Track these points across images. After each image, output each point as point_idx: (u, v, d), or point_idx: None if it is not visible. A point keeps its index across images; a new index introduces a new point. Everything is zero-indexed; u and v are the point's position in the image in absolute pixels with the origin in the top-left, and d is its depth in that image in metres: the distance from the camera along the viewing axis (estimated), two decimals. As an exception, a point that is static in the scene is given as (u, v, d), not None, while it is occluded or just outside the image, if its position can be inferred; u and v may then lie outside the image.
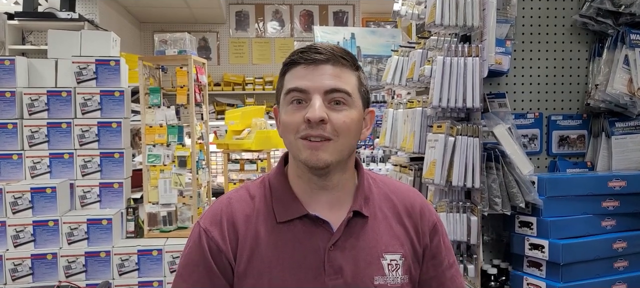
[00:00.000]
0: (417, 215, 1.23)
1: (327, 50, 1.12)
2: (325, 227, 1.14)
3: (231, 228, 1.15)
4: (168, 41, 3.53)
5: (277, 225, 1.14)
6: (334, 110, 1.10)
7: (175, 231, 3.44)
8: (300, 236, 1.13)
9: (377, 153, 4.62)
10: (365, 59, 5.81)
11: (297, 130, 1.10)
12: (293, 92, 1.11)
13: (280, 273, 1.11)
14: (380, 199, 1.22)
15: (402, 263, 1.17)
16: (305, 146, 1.09)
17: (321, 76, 1.10)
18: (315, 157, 1.09)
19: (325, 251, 1.12)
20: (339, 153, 1.11)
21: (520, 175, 2.00)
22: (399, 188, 1.27)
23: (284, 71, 1.16)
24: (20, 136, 3.22)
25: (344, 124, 1.10)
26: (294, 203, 1.16)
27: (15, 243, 3.04)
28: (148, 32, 7.90)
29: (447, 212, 2.02)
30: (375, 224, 1.18)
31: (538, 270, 1.98)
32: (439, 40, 2.20)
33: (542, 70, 2.24)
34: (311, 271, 1.11)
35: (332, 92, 1.10)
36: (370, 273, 1.13)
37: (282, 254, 1.12)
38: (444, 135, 1.99)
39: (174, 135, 3.45)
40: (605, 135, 2.22)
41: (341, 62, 1.12)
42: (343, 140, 1.11)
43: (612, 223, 2.03)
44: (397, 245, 1.18)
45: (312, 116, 1.07)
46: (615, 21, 2.15)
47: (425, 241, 1.22)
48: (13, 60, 3.22)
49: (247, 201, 1.19)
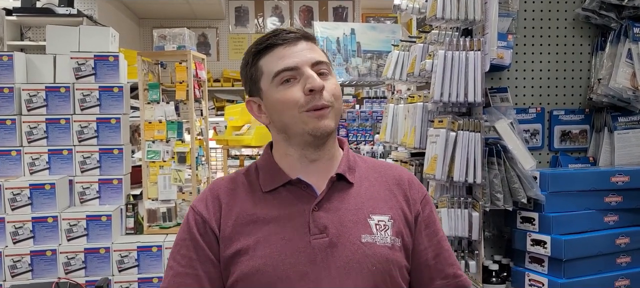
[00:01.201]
0: (406, 184, 1.25)
1: (296, 30, 1.20)
2: (309, 191, 1.17)
3: (215, 200, 1.19)
4: (167, 37, 3.52)
5: (263, 195, 1.18)
6: (324, 79, 1.15)
7: (175, 227, 3.43)
8: (286, 201, 1.17)
9: (377, 149, 4.60)
10: (366, 55, 5.79)
11: (301, 105, 1.13)
12: (283, 72, 1.14)
13: (265, 234, 1.13)
14: (366, 170, 1.25)
15: (392, 225, 1.18)
16: (311, 116, 1.13)
17: (302, 51, 1.16)
18: (323, 125, 1.13)
19: (309, 212, 1.14)
20: (337, 117, 1.18)
21: (522, 171, 1.98)
22: (386, 164, 1.32)
23: (256, 58, 1.19)
24: (18, 132, 3.20)
25: (336, 89, 1.17)
26: (278, 173, 1.20)
27: (15, 240, 3.02)
28: (147, 28, 7.88)
29: (449, 207, 2.01)
30: (361, 190, 1.21)
31: (540, 266, 1.97)
32: (440, 34, 2.18)
33: (544, 65, 2.22)
34: (296, 231, 1.13)
35: (318, 64, 1.16)
36: (357, 232, 1.14)
37: (268, 217, 1.15)
38: (445, 130, 1.97)
39: (174, 131, 3.44)
40: (608, 130, 2.20)
41: (310, 38, 1.20)
42: (338, 105, 1.17)
43: (615, 218, 2.01)
44: (384, 208, 1.20)
45: (316, 85, 1.12)
46: (618, 14, 2.13)
47: (416, 208, 1.24)
48: (11, 56, 3.20)
49: (233, 179, 1.24)
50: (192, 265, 1.15)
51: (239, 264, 1.12)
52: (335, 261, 1.11)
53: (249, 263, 1.11)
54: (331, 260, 1.11)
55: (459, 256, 2.03)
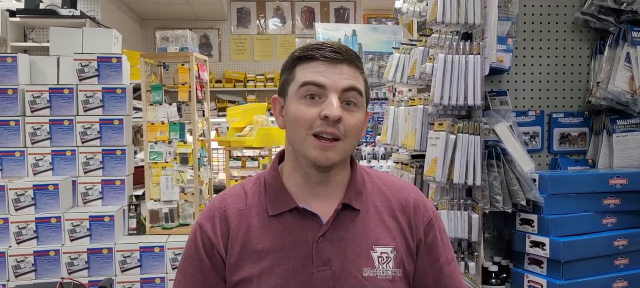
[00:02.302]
0: (411, 210, 1.23)
1: (343, 50, 1.14)
2: (314, 219, 1.16)
3: (223, 222, 1.18)
4: (170, 38, 3.54)
5: (268, 218, 1.17)
6: (347, 111, 1.12)
7: (177, 228, 3.45)
8: (290, 228, 1.16)
9: (379, 151, 4.62)
10: (367, 56, 5.80)
11: (310, 126, 1.11)
12: (309, 86, 1.11)
13: (269, 265, 1.13)
14: (373, 193, 1.23)
15: (394, 257, 1.17)
16: (315, 145, 1.11)
17: (339, 74, 1.12)
18: (324, 156, 1.11)
19: (313, 242, 1.14)
20: (344, 153, 1.15)
21: (521, 173, 2.00)
22: (395, 184, 1.27)
23: (294, 64, 1.16)
24: (22, 133, 3.23)
25: (355, 127, 1.13)
26: (285, 197, 1.18)
27: (18, 240, 3.05)
28: (149, 29, 7.90)
29: (448, 209, 2.02)
30: (367, 217, 1.19)
31: (539, 268, 1.99)
32: (441, 37, 2.20)
33: (544, 68, 2.24)
34: (299, 261, 1.13)
35: (348, 90, 1.12)
36: (359, 265, 1.14)
37: (272, 245, 1.14)
38: (445, 132, 1.99)
39: (176, 132, 3.46)
40: (607, 133, 2.22)
41: (355, 63, 1.15)
42: (350, 142, 1.14)
43: (613, 220, 2.03)
44: (388, 238, 1.18)
45: (332, 114, 1.08)
46: (616, 18, 2.15)
47: (418, 235, 1.22)
48: (15, 58, 3.23)
49: (241, 197, 1.22)
50: (198, 285, 1.18)
51: None
52: None
53: None
54: None
55: (458, 257, 2.05)
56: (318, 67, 1.12)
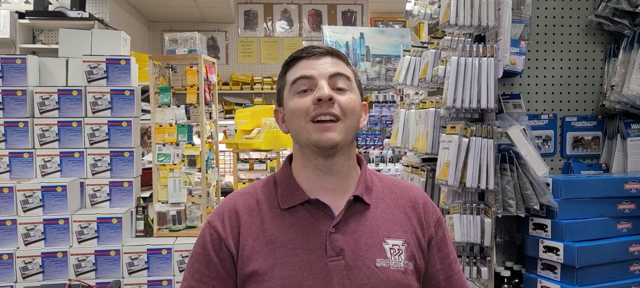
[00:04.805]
0: (420, 208, 1.27)
1: (325, 47, 1.23)
2: (326, 212, 1.18)
3: (233, 217, 1.20)
4: (178, 40, 3.53)
5: (281, 212, 1.20)
6: (338, 93, 1.18)
7: (185, 230, 3.44)
8: (303, 220, 1.18)
9: (387, 154, 4.60)
10: (374, 59, 5.78)
11: (307, 113, 1.16)
12: (299, 80, 1.19)
13: (283, 255, 1.15)
14: (383, 191, 1.27)
15: (405, 249, 1.19)
16: (315, 128, 1.15)
17: (323, 64, 1.19)
18: (326, 137, 1.14)
19: (327, 234, 1.16)
20: (346, 133, 1.18)
21: (534, 177, 1.97)
22: (402, 184, 1.32)
23: (285, 71, 1.25)
24: (31, 135, 3.23)
25: (349, 104, 1.18)
26: (297, 191, 1.21)
27: (26, 242, 3.05)
28: (157, 32, 7.93)
29: (461, 213, 2.00)
30: (377, 212, 1.22)
31: (552, 273, 1.96)
32: (453, 40, 2.18)
33: (557, 71, 2.22)
34: (313, 253, 1.15)
35: (335, 75, 1.19)
36: (372, 256, 1.16)
37: (286, 237, 1.16)
38: (457, 136, 1.97)
39: (184, 134, 3.46)
40: (621, 137, 2.19)
41: (338, 55, 1.23)
42: (349, 121, 1.18)
43: (628, 226, 2.00)
44: (399, 232, 1.21)
45: (322, 94, 1.14)
46: (631, 21, 2.12)
47: (430, 232, 1.26)
48: (24, 59, 3.23)
49: (252, 194, 1.25)
50: (203, 280, 1.19)
51: (257, 285, 1.14)
52: (350, 284, 1.14)
53: (267, 285, 1.13)
54: (347, 282, 1.14)
55: (470, 262, 2.03)
56: (304, 63, 1.21)
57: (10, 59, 3.24)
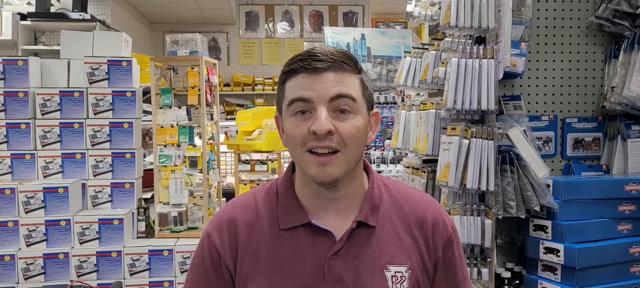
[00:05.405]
0: (429, 228, 1.18)
1: (328, 57, 1.07)
2: (328, 236, 1.12)
3: (232, 233, 1.16)
4: (179, 42, 3.54)
5: (280, 232, 1.14)
6: (340, 120, 1.06)
7: (186, 231, 3.44)
8: (303, 243, 1.12)
9: (388, 155, 4.60)
10: (376, 60, 5.79)
11: (303, 142, 1.07)
12: (296, 102, 1.07)
13: (280, 279, 1.11)
14: (390, 207, 1.18)
15: (409, 276, 1.13)
16: (312, 161, 1.06)
17: (324, 84, 1.06)
18: (323, 172, 1.06)
19: (326, 260, 1.10)
20: (347, 165, 1.09)
21: (535, 178, 1.98)
22: (413, 197, 1.22)
23: (283, 79, 1.12)
24: (33, 136, 3.24)
25: (351, 134, 1.07)
26: (298, 211, 1.14)
27: (28, 243, 3.05)
28: (158, 33, 7.94)
29: (461, 214, 2.00)
30: (382, 234, 1.15)
31: (553, 274, 1.96)
32: (454, 41, 2.19)
33: (557, 72, 2.22)
34: (311, 278, 1.10)
35: (337, 98, 1.06)
36: (372, 284, 1.11)
37: (283, 260, 1.12)
38: (458, 137, 1.97)
39: (185, 135, 3.46)
40: (621, 138, 2.19)
41: (343, 67, 1.08)
42: (351, 151, 1.08)
43: (629, 227, 2.00)
44: (403, 257, 1.14)
45: (319, 129, 1.04)
46: (632, 23, 2.12)
47: (437, 255, 1.18)
48: (26, 61, 3.24)
49: (252, 207, 1.19)
50: None
51: None
52: None
53: None
54: None
55: (471, 263, 2.03)
56: (303, 81, 1.07)
57: (12, 61, 3.24)
